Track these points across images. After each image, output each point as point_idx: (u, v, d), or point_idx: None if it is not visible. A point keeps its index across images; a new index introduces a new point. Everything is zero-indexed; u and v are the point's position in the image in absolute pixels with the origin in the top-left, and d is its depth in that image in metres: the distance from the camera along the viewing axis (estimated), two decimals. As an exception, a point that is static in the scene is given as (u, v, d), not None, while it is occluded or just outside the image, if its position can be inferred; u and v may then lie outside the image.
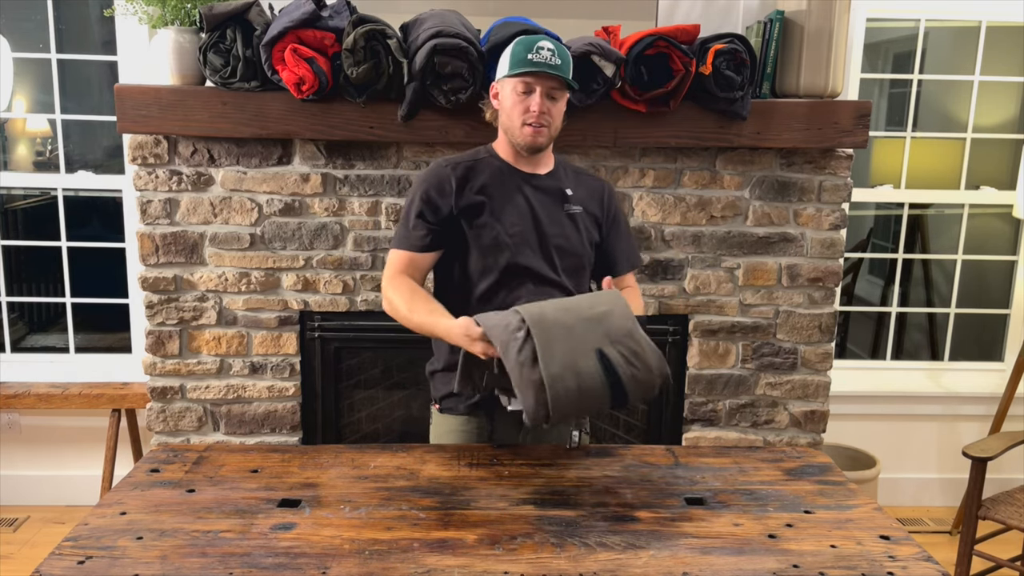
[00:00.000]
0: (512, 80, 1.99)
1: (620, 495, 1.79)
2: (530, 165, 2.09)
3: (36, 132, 3.67)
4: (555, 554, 1.54)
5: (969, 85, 3.49)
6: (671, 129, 2.64)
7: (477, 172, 2.06)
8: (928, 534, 3.42)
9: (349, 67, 2.47)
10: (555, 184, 2.11)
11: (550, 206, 2.08)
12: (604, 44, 2.50)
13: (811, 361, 2.90)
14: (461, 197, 2.02)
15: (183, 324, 2.78)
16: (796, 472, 1.94)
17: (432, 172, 2.07)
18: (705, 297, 2.85)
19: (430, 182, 2.04)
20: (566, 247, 2.08)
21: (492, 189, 2.05)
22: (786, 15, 2.72)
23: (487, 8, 2.88)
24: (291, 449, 2.02)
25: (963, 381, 3.64)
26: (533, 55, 1.96)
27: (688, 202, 2.79)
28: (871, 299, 4.12)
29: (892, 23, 3.58)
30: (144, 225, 2.73)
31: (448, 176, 2.04)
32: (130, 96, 2.58)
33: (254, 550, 1.53)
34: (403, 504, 1.72)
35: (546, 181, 2.10)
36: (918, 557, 1.56)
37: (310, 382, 2.86)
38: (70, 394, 3.26)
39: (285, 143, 2.70)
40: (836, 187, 2.79)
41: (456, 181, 2.03)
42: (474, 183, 2.04)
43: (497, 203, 2.03)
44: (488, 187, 2.04)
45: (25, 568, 2.98)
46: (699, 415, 2.93)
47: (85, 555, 1.51)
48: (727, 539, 1.61)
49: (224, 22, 2.51)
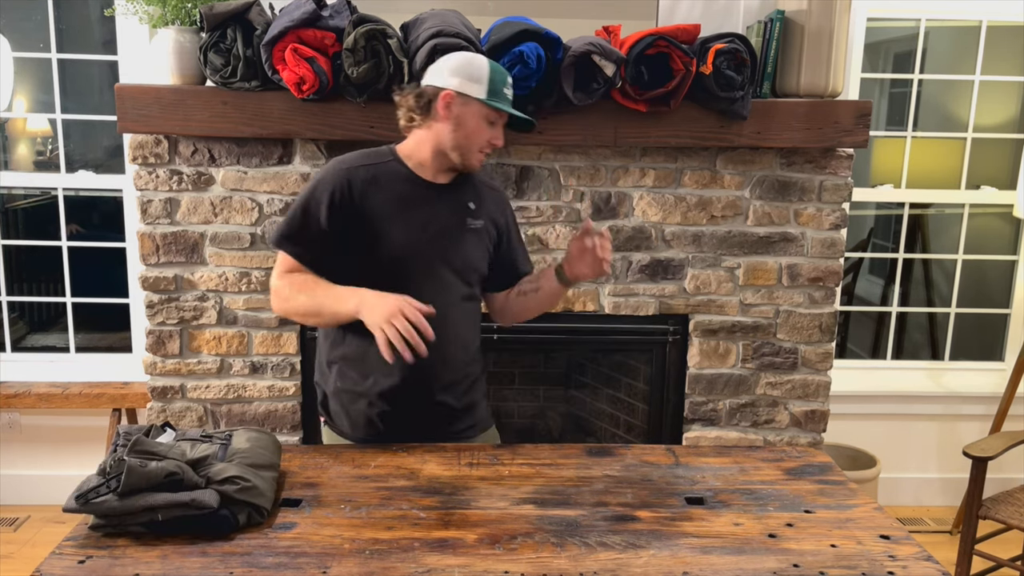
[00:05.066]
0: (484, 108, 1.92)
1: (620, 495, 1.78)
2: (433, 174, 2.00)
3: (36, 132, 3.67)
4: (555, 554, 1.54)
5: (969, 85, 3.49)
6: (671, 129, 2.64)
7: (380, 178, 1.95)
8: (928, 534, 3.41)
9: (349, 67, 2.47)
10: (458, 196, 2.03)
11: (454, 224, 2.00)
12: (604, 44, 2.50)
13: (811, 361, 2.90)
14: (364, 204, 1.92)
15: (183, 324, 2.78)
16: (796, 472, 1.94)
17: (333, 173, 1.94)
18: (705, 297, 2.85)
19: (333, 184, 1.91)
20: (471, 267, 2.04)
21: (393, 198, 1.95)
22: (786, 15, 2.71)
23: (487, 8, 2.88)
24: (291, 449, 2.02)
25: (963, 381, 3.64)
26: (507, 90, 1.94)
27: (688, 202, 2.79)
28: (871, 299, 4.12)
29: (892, 23, 3.58)
30: (144, 225, 2.73)
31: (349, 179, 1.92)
32: (130, 96, 2.58)
33: (254, 549, 1.53)
34: (403, 504, 1.72)
35: (449, 193, 2.02)
36: (918, 557, 1.56)
37: (310, 382, 2.85)
38: (70, 394, 3.26)
39: (285, 143, 2.70)
40: (836, 187, 2.79)
41: (360, 184, 1.92)
42: (377, 190, 1.94)
43: (397, 214, 1.94)
44: (390, 196, 1.94)
45: (25, 568, 2.98)
46: (699, 415, 2.93)
47: (85, 555, 1.51)
48: (727, 539, 1.61)
49: (224, 22, 2.51)
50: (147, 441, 1.63)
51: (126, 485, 1.52)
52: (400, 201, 1.95)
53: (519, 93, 2.50)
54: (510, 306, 2.16)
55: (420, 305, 1.79)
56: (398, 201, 1.95)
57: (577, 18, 2.84)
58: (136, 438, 1.63)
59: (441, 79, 1.93)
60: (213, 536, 1.56)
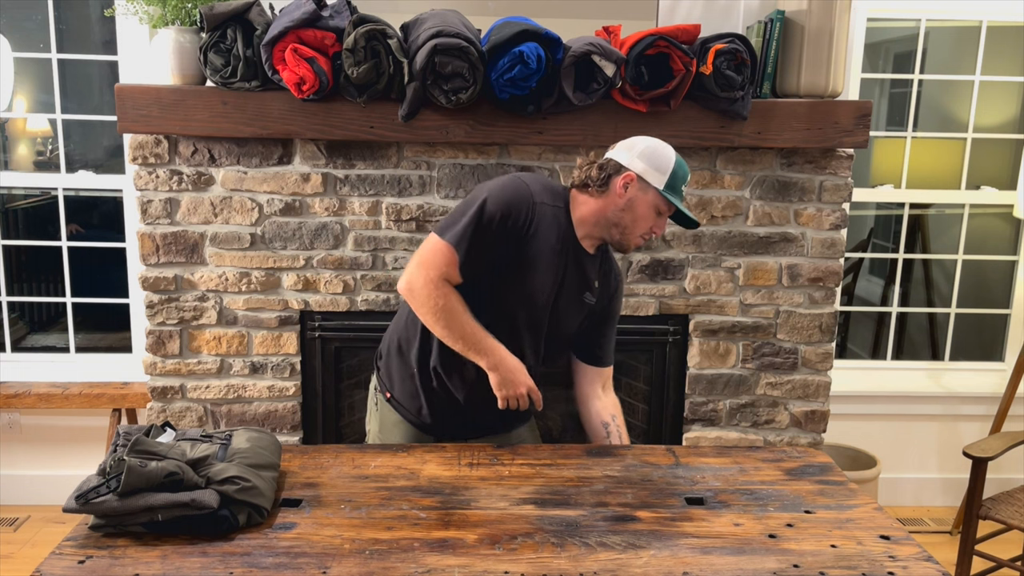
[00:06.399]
0: (660, 199, 1.96)
1: (620, 495, 1.78)
2: (585, 241, 2.05)
3: (36, 132, 3.67)
4: (555, 554, 1.54)
5: (969, 85, 3.49)
6: (671, 129, 2.64)
7: (551, 222, 1.98)
8: (928, 534, 3.41)
9: (350, 67, 2.47)
10: (591, 271, 2.08)
11: (575, 293, 2.06)
12: (604, 44, 2.50)
13: (811, 361, 2.90)
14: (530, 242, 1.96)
15: (183, 324, 2.78)
16: (796, 472, 1.94)
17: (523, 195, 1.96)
18: (705, 297, 2.85)
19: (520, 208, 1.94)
20: (559, 335, 2.11)
21: (544, 244, 1.98)
22: (786, 15, 2.72)
23: (487, 8, 2.88)
24: (291, 449, 2.02)
25: (963, 381, 3.64)
26: (685, 187, 1.99)
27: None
28: (871, 299, 4.12)
29: (892, 23, 3.58)
30: (144, 225, 2.73)
31: (534, 213, 1.95)
32: (131, 96, 2.58)
33: (254, 549, 1.53)
34: (403, 504, 1.72)
35: (587, 264, 2.07)
36: (918, 557, 1.56)
37: (310, 382, 2.86)
38: (70, 394, 3.26)
39: (285, 143, 2.70)
40: (837, 187, 2.79)
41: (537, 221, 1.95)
42: (542, 231, 1.96)
43: (536, 258, 1.97)
44: (543, 240, 1.97)
45: (25, 568, 2.98)
46: (699, 415, 2.93)
47: (85, 555, 1.51)
48: (727, 539, 1.61)
49: (225, 22, 2.51)
50: (147, 441, 1.63)
51: (126, 485, 1.52)
52: (550, 254, 1.99)
53: (518, 93, 2.51)
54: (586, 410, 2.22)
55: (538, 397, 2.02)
56: (549, 253, 1.99)
57: (577, 18, 2.84)
58: (136, 438, 1.63)
59: (627, 159, 1.98)
60: (213, 536, 1.56)
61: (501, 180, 2.00)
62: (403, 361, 2.13)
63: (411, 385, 2.12)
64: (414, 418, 2.14)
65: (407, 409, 2.15)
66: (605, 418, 2.19)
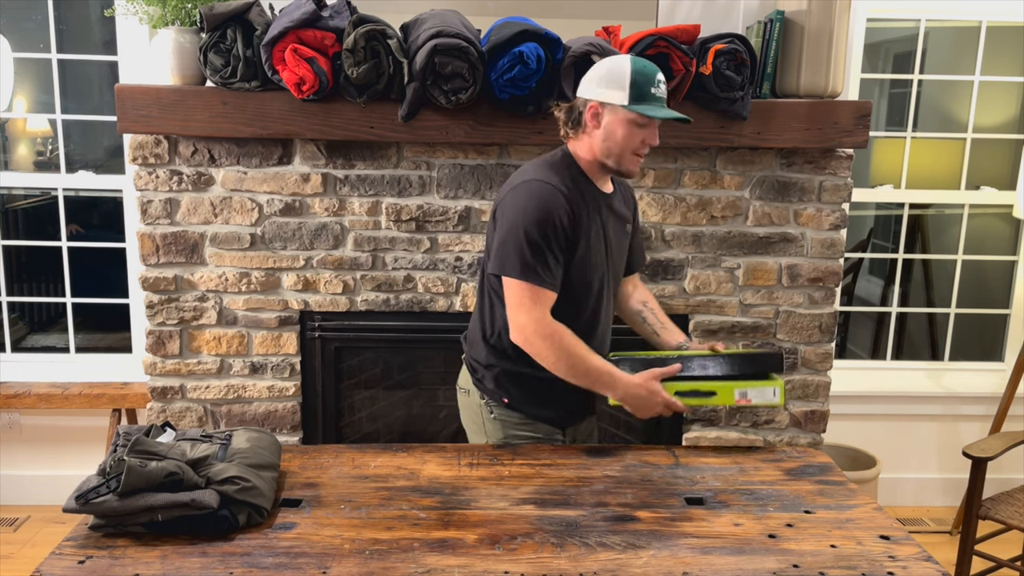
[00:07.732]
0: (630, 113, 1.92)
1: (620, 495, 1.79)
2: (602, 183, 2.06)
3: (36, 132, 3.67)
4: (555, 554, 1.54)
5: (969, 85, 3.49)
6: (671, 129, 2.63)
7: (577, 197, 1.97)
8: (928, 534, 3.41)
9: (349, 67, 2.47)
10: (619, 206, 2.11)
11: (619, 232, 2.12)
12: (604, 44, 2.50)
13: (811, 361, 2.90)
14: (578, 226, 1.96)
15: (183, 324, 2.78)
16: (796, 472, 1.94)
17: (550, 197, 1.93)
18: (705, 297, 2.85)
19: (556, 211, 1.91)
20: (619, 274, 2.17)
21: (584, 217, 1.97)
22: (786, 15, 2.72)
23: (487, 8, 2.88)
24: (291, 449, 2.02)
25: (963, 381, 3.64)
26: (656, 89, 1.92)
27: (688, 202, 2.79)
28: (871, 299, 4.12)
29: (892, 23, 3.58)
30: (144, 225, 2.73)
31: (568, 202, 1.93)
32: (130, 96, 2.58)
33: (254, 550, 1.53)
34: (403, 504, 1.72)
35: (614, 202, 2.09)
36: (918, 557, 1.56)
37: (310, 382, 2.86)
38: (70, 394, 3.26)
39: (285, 143, 2.70)
40: (836, 187, 2.79)
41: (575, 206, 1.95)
42: (578, 211, 1.96)
43: (586, 232, 1.98)
44: (583, 215, 1.97)
45: (25, 568, 2.98)
46: (699, 415, 2.93)
47: (85, 555, 1.51)
48: (727, 539, 1.61)
49: (224, 22, 2.51)
50: (147, 441, 1.63)
51: (126, 485, 1.52)
52: (589, 218, 2.00)
53: (518, 93, 2.51)
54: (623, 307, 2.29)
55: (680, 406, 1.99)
56: (587, 219, 2.00)
57: (577, 18, 2.84)
58: (136, 438, 1.63)
59: (586, 90, 1.98)
60: (213, 536, 1.57)
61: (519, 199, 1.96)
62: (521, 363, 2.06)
63: (533, 382, 2.07)
64: (541, 413, 2.12)
65: (533, 406, 2.11)
66: (637, 306, 2.29)
